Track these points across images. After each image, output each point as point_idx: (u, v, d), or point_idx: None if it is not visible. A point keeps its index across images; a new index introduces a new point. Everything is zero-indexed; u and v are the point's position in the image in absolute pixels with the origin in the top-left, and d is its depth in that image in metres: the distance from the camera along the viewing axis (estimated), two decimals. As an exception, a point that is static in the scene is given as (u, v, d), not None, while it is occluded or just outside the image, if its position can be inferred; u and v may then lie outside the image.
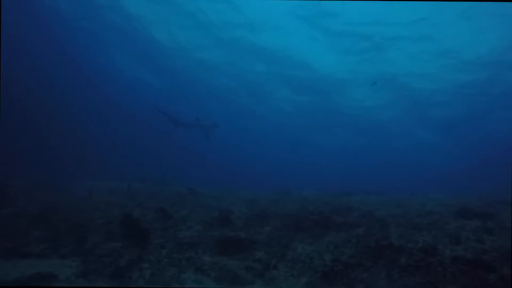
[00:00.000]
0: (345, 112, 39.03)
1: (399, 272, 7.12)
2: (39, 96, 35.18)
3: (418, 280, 6.84)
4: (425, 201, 11.54)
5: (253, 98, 38.62)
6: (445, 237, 8.14)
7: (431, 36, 25.65)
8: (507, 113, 33.66)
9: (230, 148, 52.78)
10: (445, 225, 8.79)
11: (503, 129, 36.55)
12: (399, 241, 8.02)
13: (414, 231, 8.55)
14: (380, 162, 49.85)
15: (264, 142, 51.37)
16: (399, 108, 36.78)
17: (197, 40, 28.48)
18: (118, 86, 39.10)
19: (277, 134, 47.47)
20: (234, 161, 53.24)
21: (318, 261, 7.71)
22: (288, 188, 15.34)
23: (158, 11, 25.22)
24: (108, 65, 34.43)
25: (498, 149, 40.38)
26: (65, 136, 36.69)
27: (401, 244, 7.87)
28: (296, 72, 32.53)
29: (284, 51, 29.71)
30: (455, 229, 8.56)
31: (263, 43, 28.49)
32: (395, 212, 10.25)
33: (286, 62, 31.14)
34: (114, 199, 13.37)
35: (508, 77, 28.42)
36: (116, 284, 6.70)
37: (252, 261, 7.93)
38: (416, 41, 26.36)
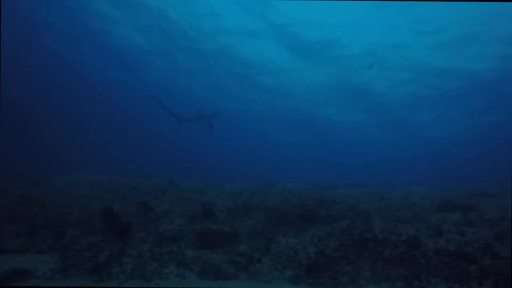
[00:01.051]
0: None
1: (383, 265, 7.13)
2: (20, 91, 34.27)
3: (401, 272, 6.86)
4: (407, 193, 11.62)
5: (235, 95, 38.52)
6: (428, 229, 8.19)
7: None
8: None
9: (213, 140, 52.48)
10: (427, 218, 8.85)
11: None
12: (383, 233, 8.03)
13: (397, 224, 8.57)
14: (362, 156, 50.36)
15: (246, 135, 51.23)
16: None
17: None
18: (98, 80, 38.39)
19: (259, 128, 47.42)
20: (217, 154, 52.94)
21: (302, 254, 7.66)
22: (272, 180, 15.26)
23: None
24: (89, 60, 33.76)
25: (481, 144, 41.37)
26: (46, 129, 35.88)
27: (385, 237, 7.89)
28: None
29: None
30: (437, 221, 8.62)
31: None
32: (378, 205, 10.28)
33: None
34: (94, 192, 13.06)
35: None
36: (96, 279, 6.53)
37: (235, 255, 7.84)
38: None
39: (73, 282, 6.45)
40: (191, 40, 28.00)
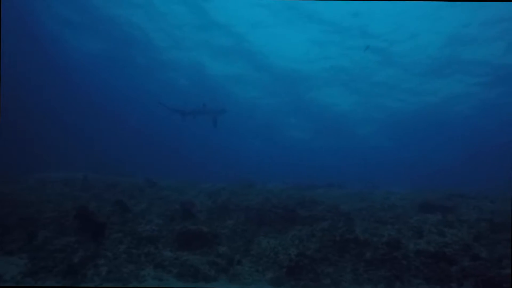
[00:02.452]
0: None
1: (365, 266, 7.07)
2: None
3: (383, 274, 6.82)
4: (387, 194, 11.64)
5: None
6: (408, 230, 8.19)
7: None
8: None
9: (193, 138, 52.02)
10: (408, 219, 8.86)
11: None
12: (364, 235, 7.98)
13: (378, 225, 8.55)
14: (340, 157, 50.85)
15: (226, 134, 50.93)
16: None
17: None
18: (74, 79, 37.50)
19: (239, 128, 47.21)
20: (196, 152, 52.48)
21: (283, 256, 7.54)
22: (252, 180, 15.09)
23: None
24: (64, 55, 32.94)
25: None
26: (19, 126, 34.77)
27: (366, 238, 7.84)
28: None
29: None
30: (417, 222, 8.63)
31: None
32: (359, 206, 10.25)
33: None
34: (68, 191, 12.64)
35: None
36: (69, 282, 6.24)
37: (215, 256, 7.66)
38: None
39: (45, 286, 6.15)
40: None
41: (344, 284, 6.69)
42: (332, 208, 9.99)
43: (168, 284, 6.53)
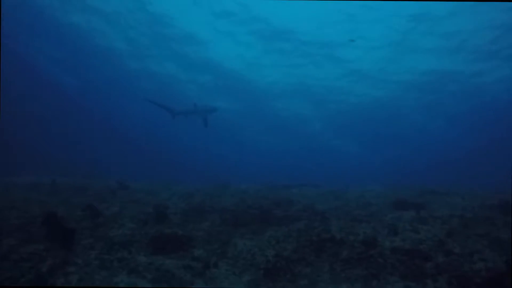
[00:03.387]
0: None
1: (342, 265, 7.06)
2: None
3: (360, 273, 6.82)
4: (362, 192, 11.78)
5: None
6: (384, 228, 8.26)
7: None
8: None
9: (165, 139, 51.37)
10: (383, 216, 8.95)
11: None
12: (341, 234, 8.00)
13: (354, 223, 8.59)
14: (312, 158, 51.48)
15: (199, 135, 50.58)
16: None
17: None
18: (48, 79, 36.42)
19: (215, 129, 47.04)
20: (169, 153, 51.87)
21: (260, 258, 7.45)
22: (226, 181, 14.99)
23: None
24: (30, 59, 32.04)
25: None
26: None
27: (342, 237, 7.85)
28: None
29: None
30: (392, 220, 8.73)
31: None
32: (334, 205, 10.30)
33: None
34: (34, 195, 12.15)
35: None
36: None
37: (190, 260, 7.48)
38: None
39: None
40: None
41: (322, 284, 6.65)
42: (308, 207, 10.00)
43: (143, 290, 6.33)
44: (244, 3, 23.70)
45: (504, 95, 32.41)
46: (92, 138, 46.51)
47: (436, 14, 23.12)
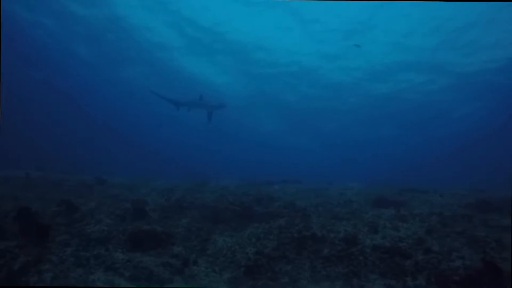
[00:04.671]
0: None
1: (323, 263, 7.04)
2: None
3: (341, 270, 6.81)
4: (343, 190, 11.80)
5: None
6: (364, 226, 8.28)
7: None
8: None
9: (143, 133, 50.71)
10: (363, 214, 8.96)
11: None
12: (322, 231, 7.97)
13: (335, 221, 8.58)
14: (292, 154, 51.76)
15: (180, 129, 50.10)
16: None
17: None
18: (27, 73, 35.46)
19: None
20: (149, 147, 51.24)
21: (241, 255, 7.36)
22: (206, 177, 14.82)
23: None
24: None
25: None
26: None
27: (323, 234, 7.83)
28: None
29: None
30: (372, 217, 8.76)
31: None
32: (315, 202, 10.28)
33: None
34: (8, 190, 11.75)
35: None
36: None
37: (169, 257, 7.34)
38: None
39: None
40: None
41: (302, 281, 6.62)
42: (289, 204, 9.95)
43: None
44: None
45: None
46: (71, 131, 45.57)
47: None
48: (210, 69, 32.75)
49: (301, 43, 27.82)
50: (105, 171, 17.85)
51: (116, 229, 8.27)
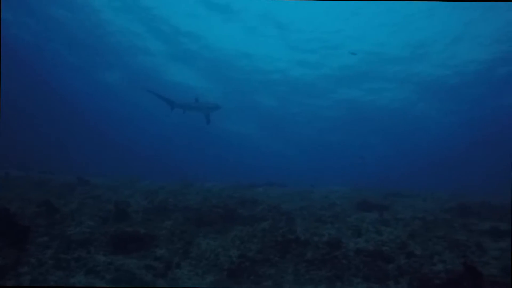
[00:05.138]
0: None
1: (306, 267, 7.04)
2: None
3: (324, 274, 6.82)
4: (327, 193, 11.84)
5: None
6: (348, 229, 8.31)
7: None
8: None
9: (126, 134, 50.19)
10: (347, 218, 9.01)
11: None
12: (305, 234, 7.98)
13: (319, 224, 8.60)
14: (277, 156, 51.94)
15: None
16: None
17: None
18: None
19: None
20: (131, 149, 50.71)
21: (224, 258, 7.32)
22: (190, 179, 14.71)
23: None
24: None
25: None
26: None
27: (307, 238, 7.84)
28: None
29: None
30: (356, 221, 8.80)
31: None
32: (300, 205, 10.29)
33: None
34: (-14, 190, 11.50)
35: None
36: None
37: (152, 260, 7.26)
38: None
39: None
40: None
41: (286, 285, 6.61)
42: (273, 207, 9.94)
43: (101, 291, 6.06)
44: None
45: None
46: (55, 131, 44.83)
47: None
48: (189, 74, 32.76)
49: (280, 50, 28.27)
50: (89, 172, 17.58)
51: (98, 231, 8.15)
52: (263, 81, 33.52)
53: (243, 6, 23.77)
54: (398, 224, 8.65)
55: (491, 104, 32.44)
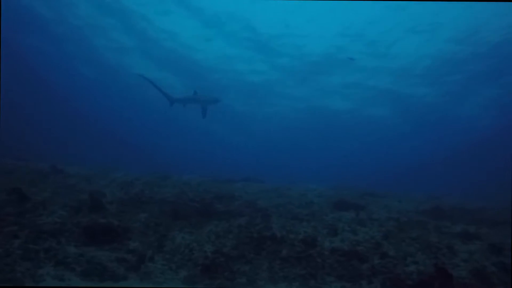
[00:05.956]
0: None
1: (281, 264, 7.04)
2: None
3: (298, 272, 6.83)
4: (305, 191, 11.87)
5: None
6: (324, 228, 8.35)
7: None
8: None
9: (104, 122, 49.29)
10: (324, 216, 9.04)
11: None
12: (281, 232, 7.97)
13: (295, 222, 8.61)
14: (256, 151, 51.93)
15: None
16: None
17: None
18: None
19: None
20: (109, 138, 49.81)
21: (199, 253, 7.25)
22: (167, 171, 14.51)
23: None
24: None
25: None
26: None
27: (283, 235, 7.83)
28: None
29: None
30: (332, 220, 8.85)
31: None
32: (276, 202, 10.28)
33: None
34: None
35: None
36: None
37: (125, 252, 7.13)
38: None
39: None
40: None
41: (260, 282, 6.58)
42: (250, 203, 9.91)
43: (70, 284, 5.91)
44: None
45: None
46: (27, 116, 43.61)
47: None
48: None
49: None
50: (63, 160, 17.15)
51: (70, 221, 7.96)
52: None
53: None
54: (373, 225, 8.73)
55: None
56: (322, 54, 28.11)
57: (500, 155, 37.86)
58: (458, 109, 34.53)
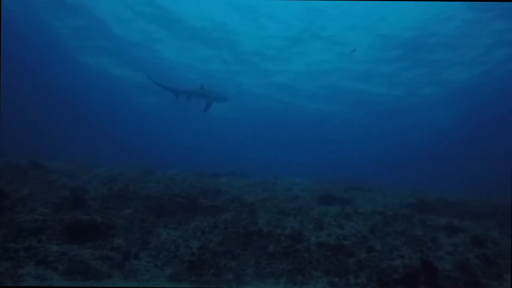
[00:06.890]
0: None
1: (268, 260, 6.99)
2: None
3: (285, 267, 6.79)
4: (290, 185, 11.85)
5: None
6: (310, 222, 8.32)
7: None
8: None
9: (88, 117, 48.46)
10: (310, 211, 9.02)
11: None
12: (268, 227, 7.92)
13: (281, 217, 8.57)
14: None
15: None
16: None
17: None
18: None
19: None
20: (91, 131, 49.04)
21: (184, 249, 7.15)
22: (152, 166, 14.31)
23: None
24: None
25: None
26: None
27: (269, 230, 7.78)
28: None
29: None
30: (318, 214, 8.83)
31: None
32: (262, 196, 10.22)
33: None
34: None
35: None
36: None
37: (109, 250, 6.99)
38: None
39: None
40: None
41: (246, 278, 6.53)
42: (236, 198, 9.82)
43: (52, 284, 5.75)
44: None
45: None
46: (8, 109, 42.52)
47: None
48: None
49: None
50: (43, 155, 16.77)
51: (52, 218, 7.76)
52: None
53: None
54: (359, 219, 8.76)
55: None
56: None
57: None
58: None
